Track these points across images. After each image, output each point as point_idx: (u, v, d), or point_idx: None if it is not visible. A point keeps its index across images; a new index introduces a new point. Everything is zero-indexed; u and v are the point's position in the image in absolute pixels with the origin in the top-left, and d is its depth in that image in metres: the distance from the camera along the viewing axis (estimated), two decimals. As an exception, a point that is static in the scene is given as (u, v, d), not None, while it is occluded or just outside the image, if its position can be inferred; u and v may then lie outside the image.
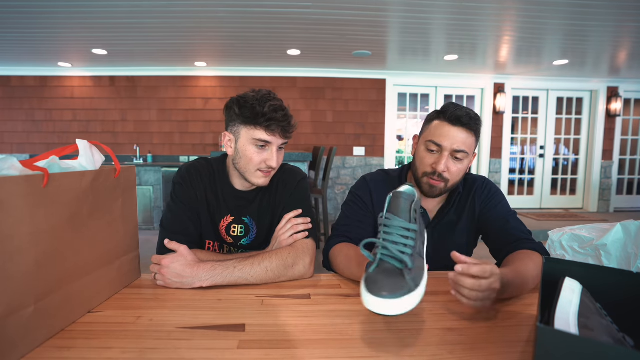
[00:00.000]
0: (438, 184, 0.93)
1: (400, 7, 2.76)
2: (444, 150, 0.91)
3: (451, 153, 0.91)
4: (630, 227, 0.76)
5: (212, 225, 0.98)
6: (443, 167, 0.90)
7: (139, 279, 0.85)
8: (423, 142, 0.96)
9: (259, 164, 0.90)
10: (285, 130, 0.89)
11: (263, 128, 0.86)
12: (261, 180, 0.92)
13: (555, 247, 0.85)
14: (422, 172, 0.95)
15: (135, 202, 0.83)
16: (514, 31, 3.24)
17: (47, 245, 0.56)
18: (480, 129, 0.94)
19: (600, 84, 4.95)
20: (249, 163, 0.90)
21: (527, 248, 0.86)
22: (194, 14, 2.91)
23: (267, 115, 0.85)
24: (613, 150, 5.11)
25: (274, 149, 0.89)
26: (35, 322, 0.53)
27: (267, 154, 0.89)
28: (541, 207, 5.24)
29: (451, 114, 0.91)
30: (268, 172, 0.92)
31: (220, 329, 0.61)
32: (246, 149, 0.89)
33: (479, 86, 4.88)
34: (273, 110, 0.86)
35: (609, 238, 0.77)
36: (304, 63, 4.40)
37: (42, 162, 0.60)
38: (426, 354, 0.54)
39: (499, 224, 0.95)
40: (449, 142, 0.90)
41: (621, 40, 3.43)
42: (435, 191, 0.95)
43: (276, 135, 0.88)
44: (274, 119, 0.86)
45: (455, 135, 0.90)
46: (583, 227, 0.84)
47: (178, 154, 4.77)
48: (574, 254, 0.83)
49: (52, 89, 4.66)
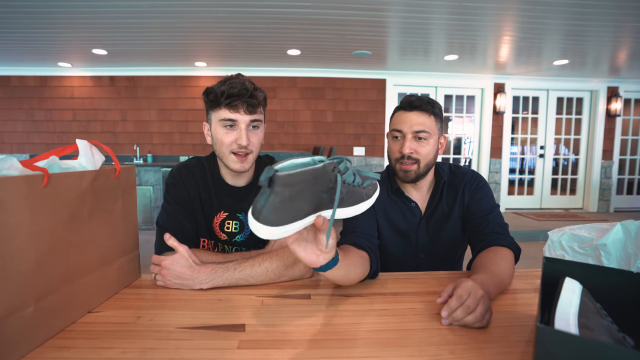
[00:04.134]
0: (410, 167, 0.97)
1: (400, 7, 2.76)
2: (405, 134, 0.97)
3: (413, 135, 0.96)
4: (630, 227, 0.75)
5: (205, 223, 0.98)
6: (408, 148, 0.95)
7: (139, 279, 0.85)
8: (389, 135, 1.04)
9: (230, 145, 0.89)
10: (250, 105, 0.87)
11: (226, 107, 0.87)
12: (237, 165, 0.90)
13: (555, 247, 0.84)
14: (393, 160, 1.01)
15: (135, 202, 0.83)
16: (514, 31, 3.24)
17: (47, 245, 0.56)
18: (437, 110, 0.99)
19: (600, 84, 4.94)
20: (221, 146, 0.90)
21: (498, 244, 0.89)
22: (194, 14, 2.91)
23: (225, 92, 0.85)
24: (613, 150, 5.11)
25: (242, 127, 0.88)
26: (35, 322, 0.53)
27: (236, 133, 0.88)
28: (541, 207, 5.24)
29: (406, 101, 0.99)
30: (243, 156, 0.90)
31: (221, 329, 0.61)
32: (217, 132, 0.90)
33: (479, 86, 4.88)
34: (232, 86, 0.86)
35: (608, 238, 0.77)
36: (304, 63, 4.40)
37: (42, 162, 0.60)
38: (427, 354, 0.54)
39: (479, 215, 0.98)
40: (408, 125, 0.97)
41: (621, 40, 3.43)
42: (411, 174, 0.98)
43: (240, 111, 0.87)
44: (233, 95, 0.85)
45: (412, 118, 0.97)
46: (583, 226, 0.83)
47: (178, 154, 4.77)
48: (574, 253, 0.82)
49: (52, 89, 4.67)
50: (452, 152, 5.09)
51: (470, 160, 5.13)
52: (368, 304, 0.72)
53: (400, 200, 1.05)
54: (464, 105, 4.99)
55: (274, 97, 4.67)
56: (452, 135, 5.08)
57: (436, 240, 1.04)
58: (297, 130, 4.77)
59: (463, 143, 5.11)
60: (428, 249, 1.04)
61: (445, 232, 1.04)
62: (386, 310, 0.69)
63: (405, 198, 1.04)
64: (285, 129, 4.77)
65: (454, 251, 1.07)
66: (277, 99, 4.69)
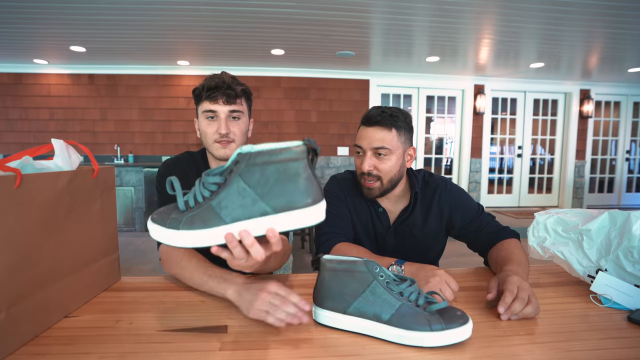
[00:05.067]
0: (372, 184, 0.96)
1: (383, 8, 2.80)
2: (365, 151, 0.95)
3: (373, 152, 0.94)
4: (617, 217, 0.78)
5: None
6: (367, 166, 0.94)
7: (119, 281, 0.83)
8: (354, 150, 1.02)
9: (212, 135, 0.94)
10: (228, 96, 0.92)
11: (206, 99, 0.93)
12: (221, 152, 0.95)
13: (539, 229, 0.88)
14: (358, 175, 1.00)
15: (115, 203, 0.81)
16: (492, 34, 3.34)
17: (20, 249, 0.54)
18: (401, 123, 0.95)
19: (573, 87, 5.15)
20: (206, 137, 0.96)
21: (505, 238, 0.95)
22: (176, 12, 2.86)
23: (206, 86, 0.93)
24: (585, 150, 5.34)
25: (222, 117, 0.93)
26: (7, 328, 0.51)
27: (217, 123, 0.94)
28: (519, 205, 5.42)
29: (366, 116, 0.97)
30: (224, 143, 0.94)
31: (202, 331, 0.60)
32: (202, 124, 0.96)
33: (460, 87, 5.00)
34: (211, 80, 0.93)
35: (594, 224, 0.80)
36: (288, 63, 4.39)
37: (14, 163, 0.58)
38: (411, 350, 0.55)
39: (471, 222, 1.01)
40: (367, 141, 0.95)
41: (592, 45, 3.58)
42: (374, 192, 0.97)
43: (219, 102, 0.92)
44: (212, 87, 0.92)
45: (371, 135, 0.94)
46: (569, 211, 0.86)
47: (160, 154, 4.67)
48: (556, 236, 0.85)
49: (27, 87, 4.48)
50: (435, 152, 5.19)
51: (452, 160, 5.25)
52: (351, 302, 0.73)
53: (369, 203, 1.04)
54: (445, 106, 5.09)
55: (258, 96, 4.63)
56: (434, 136, 5.18)
57: (406, 247, 1.04)
58: (281, 130, 4.75)
59: (445, 143, 5.22)
60: (397, 255, 1.02)
61: (414, 242, 1.03)
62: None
63: (374, 202, 1.03)
64: (270, 129, 4.75)
65: (424, 258, 1.04)
66: (261, 99, 4.66)
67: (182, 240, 0.50)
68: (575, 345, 0.56)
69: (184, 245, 0.50)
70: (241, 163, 0.48)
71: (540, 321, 0.64)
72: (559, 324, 0.64)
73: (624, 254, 0.75)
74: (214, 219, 0.49)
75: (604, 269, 0.76)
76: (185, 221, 0.50)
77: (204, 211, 0.50)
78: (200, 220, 0.49)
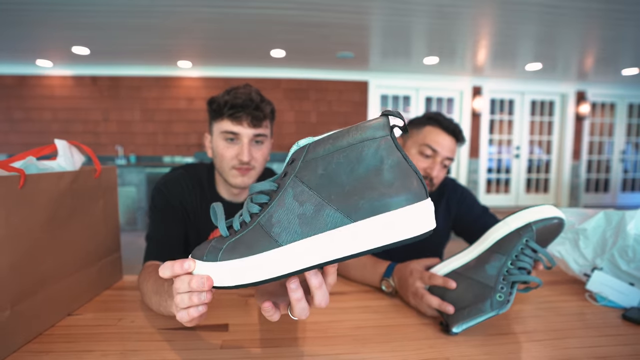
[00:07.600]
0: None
1: (382, 10, 2.81)
2: (437, 156, 0.92)
3: (443, 159, 0.93)
4: (612, 216, 0.79)
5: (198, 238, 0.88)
6: (437, 172, 0.93)
7: (121, 280, 0.84)
8: (414, 145, 0.95)
9: (230, 160, 0.80)
10: (255, 118, 0.78)
11: (228, 118, 0.78)
12: (238, 180, 0.82)
13: None
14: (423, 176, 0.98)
15: (117, 203, 0.81)
16: (490, 35, 3.36)
17: (24, 248, 0.55)
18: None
19: (569, 88, 5.18)
20: (222, 160, 0.81)
21: None
22: (178, 14, 2.87)
23: (229, 102, 0.77)
24: (581, 151, 5.37)
25: (245, 141, 0.79)
26: (11, 326, 0.52)
27: (238, 148, 0.79)
28: (517, 205, 5.44)
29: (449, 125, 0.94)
30: (244, 170, 0.81)
31: (204, 329, 0.61)
32: (218, 145, 0.81)
33: (458, 89, 5.02)
34: (236, 97, 0.77)
35: (590, 223, 0.81)
36: (288, 64, 4.40)
37: (18, 163, 0.59)
38: (408, 349, 0.56)
39: (477, 219, 1.02)
40: (445, 149, 0.93)
41: (588, 46, 3.61)
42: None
43: (243, 124, 0.78)
44: (237, 105, 0.77)
45: (449, 144, 0.94)
46: (566, 211, 0.88)
47: (162, 155, 4.69)
48: None
49: (30, 88, 4.49)
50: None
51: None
52: (349, 301, 0.73)
53: None
54: (444, 107, 5.11)
55: (257, 97, 4.64)
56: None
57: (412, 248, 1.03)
58: (281, 130, 4.76)
59: (443, 144, 5.23)
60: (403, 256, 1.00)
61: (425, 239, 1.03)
62: (367, 308, 0.70)
63: None
64: (269, 130, 4.76)
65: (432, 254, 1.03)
66: (260, 100, 4.67)
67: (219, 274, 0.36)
68: (571, 342, 0.57)
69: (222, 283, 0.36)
70: (297, 160, 0.35)
71: (536, 319, 0.65)
72: (554, 321, 0.65)
73: (619, 253, 0.76)
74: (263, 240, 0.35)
75: (599, 267, 0.78)
76: (226, 249, 0.37)
77: (251, 232, 0.36)
78: (244, 245, 0.36)
